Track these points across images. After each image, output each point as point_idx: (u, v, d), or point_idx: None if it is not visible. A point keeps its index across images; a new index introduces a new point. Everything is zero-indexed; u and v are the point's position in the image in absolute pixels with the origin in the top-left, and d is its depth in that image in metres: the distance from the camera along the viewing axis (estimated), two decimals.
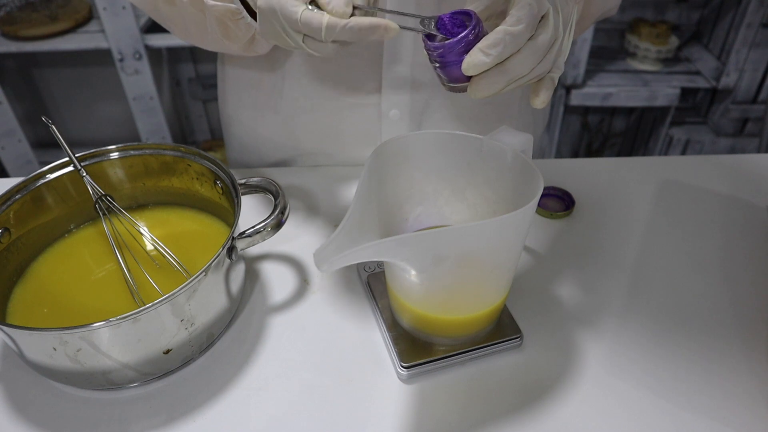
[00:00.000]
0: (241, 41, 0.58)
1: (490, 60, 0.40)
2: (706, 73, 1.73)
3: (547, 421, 0.47)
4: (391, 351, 0.51)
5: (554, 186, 0.71)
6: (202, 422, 0.47)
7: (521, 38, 0.40)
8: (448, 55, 0.42)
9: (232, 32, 0.57)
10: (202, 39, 0.62)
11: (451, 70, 0.42)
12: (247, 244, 0.51)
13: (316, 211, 0.69)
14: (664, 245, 0.64)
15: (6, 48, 1.59)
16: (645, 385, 0.50)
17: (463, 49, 0.41)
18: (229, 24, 0.56)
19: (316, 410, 0.48)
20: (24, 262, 0.56)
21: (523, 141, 0.48)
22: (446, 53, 0.42)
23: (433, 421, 0.47)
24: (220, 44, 0.60)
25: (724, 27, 1.72)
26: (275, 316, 0.56)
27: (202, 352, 0.52)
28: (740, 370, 0.51)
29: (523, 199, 0.45)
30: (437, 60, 0.43)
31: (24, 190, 0.55)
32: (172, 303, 0.45)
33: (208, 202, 0.60)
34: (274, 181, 0.55)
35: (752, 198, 0.71)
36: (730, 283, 0.59)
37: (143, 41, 1.57)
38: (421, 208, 0.53)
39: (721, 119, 1.81)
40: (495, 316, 0.52)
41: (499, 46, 0.40)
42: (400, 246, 0.39)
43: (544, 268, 0.61)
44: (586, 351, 0.53)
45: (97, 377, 0.47)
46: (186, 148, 0.59)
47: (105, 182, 0.59)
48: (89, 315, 0.52)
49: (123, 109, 1.78)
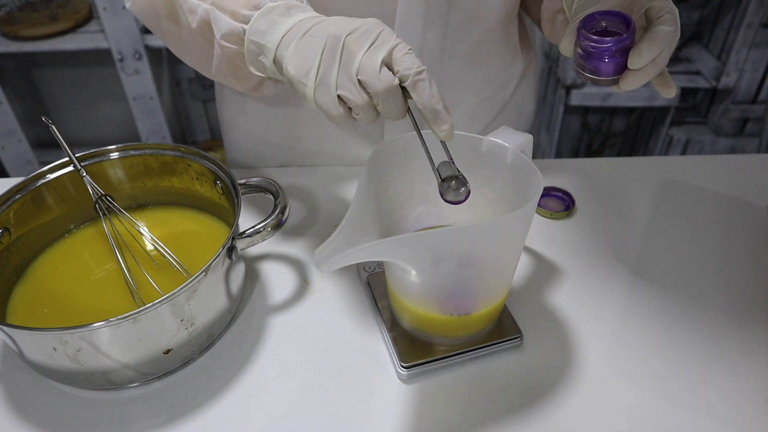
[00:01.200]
0: (249, 84, 0.55)
1: (653, 56, 0.47)
2: (706, 73, 1.73)
3: (547, 421, 0.47)
4: (391, 351, 0.51)
5: (554, 186, 0.71)
6: (202, 422, 0.47)
7: (675, 37, 0.48)
8: (605, 51, 0.47)
9: (241, 73, 0.54)
10: (202, 67, 0.59)
11: (600, 64, 0.48)
12: (247, 244, 0.51)
13: (316, 211, 0.69)
14: (664, 245, 0.64)
15: (6, 48, 1.59)
16: (645, 385, 0.50)
17: (619, 48, 0.47)
18: (240, 65, 0.52)
19: (316, 410, 0.48)
20: (24, 262, 0.56)
21: (522, 141, 0.48)
22: (605, 50, 0.47)
23: (433, 421, 0.47)
24: (224, 80, 0.57)
25: (724, 27, 1.72)
26: (275, 316, 0.56)
27: (202, 352, 0.52)
28: (740, 370, 0.51)
29: (523, 199, 0.45)
30: (592, 52, 0.48)
31: (24, 190, 0.55)
32: (172, 303, 0.45)
33: (208, 202, 0.60)
34: (274, 181, 0.55)
35: (752, 198, 0.71)
36: (730, 283, 0.59)
37: (143, 41, 1.57)
38: (421, 208, 0.53)
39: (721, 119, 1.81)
40: (495, 316, 0.52)
41: (661, 44, 0.47)
42: (400, 246, 0.39)
43: (544, 268, 0.61)
44: (586, 351, 0.53)
45: (97, 377, 0.47)
46: (186, 148, 0.59)
47: (105, 182, 0.59)
48: (89, 315, 0.52)
49: (123, 109, 1.78)
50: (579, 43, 0.49)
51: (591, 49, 0.48)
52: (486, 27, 0.65)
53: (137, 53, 1.58)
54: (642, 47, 0.47)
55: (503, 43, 0.69)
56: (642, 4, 0.50)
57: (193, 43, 0.57)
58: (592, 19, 0.49)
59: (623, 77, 0.49)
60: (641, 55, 0.47)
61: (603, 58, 0.48)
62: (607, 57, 0.48)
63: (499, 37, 0.68)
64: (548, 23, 0.60)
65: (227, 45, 0.51)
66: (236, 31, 0.50)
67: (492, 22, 0.65)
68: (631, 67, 0.48)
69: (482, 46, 0.67)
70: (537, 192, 0.42)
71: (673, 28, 0.47)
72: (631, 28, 0.47)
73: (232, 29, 0.50)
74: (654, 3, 0.49)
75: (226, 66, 0.54)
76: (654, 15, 0.49)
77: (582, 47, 0.49)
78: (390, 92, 0.42)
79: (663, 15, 0.48)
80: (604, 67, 0.49)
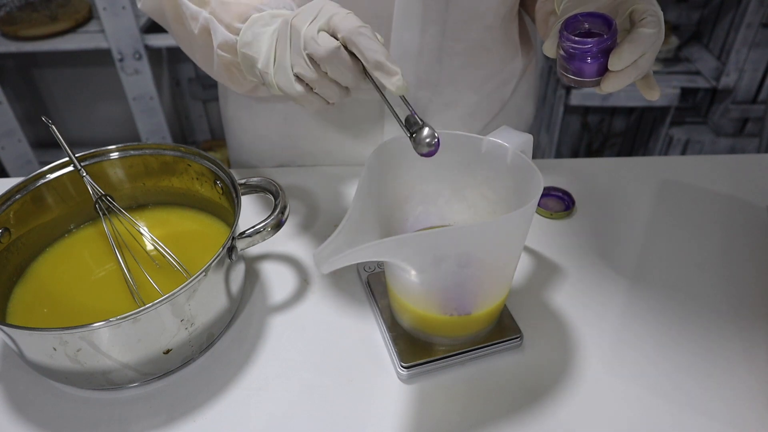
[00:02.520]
0: (245, 87, 0.60)
1: (634, 58, 0.46)
2: (706, 73, 1.72)
3: (547, 421, 0.47)
4: (391, 351, 0.51)
5: (554, 186, 0.71)
6: (202, 422, 0.47)
7: (657, 39, 0.48)
8: (586, 52, 0.47)
9: (236, 79, 0.58)
10: (206, 66, 0.62)
11: (583, 66, 0.48)
12: (247, 244, 0.51)
13: (316, 211, 0.69)
14: (664, 245, 0.64)
15: (6, 48, 1.59)
16: (645, 385, 0.50)
17: (601, 49, 0.47)
18: (233, 71, 0.56)
19: (316, 410, 0.48)
20: (24, 262, 0.56)
21: (522, 141, 0.48)
22: (586, 50, 0.47)
23: (433, 421, 0.47)
24: (224, 82, 0.61)
25: (724, 27, 1.72)
26: (275, 316, 0.56)
27: (202, 352, 0.52)
28: (740, 370, 0.51)
29: (523, 199, 0.45)
30: (574, 53, 0.48)
31: (24, 190, 0.55)
32: (172, 303, 0.45)
33: (208, 202, 0.60)
34: (274, 181, 0.55)
35: (752, 198, 0.71)
36: (730, 283, 0.59)
37: (143, 41, 1.57)
38: (421, 208, 0.53)
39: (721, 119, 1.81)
40: (495, 316, 0.52)
41: (642, 46, 0.46)
42: (400, 246, 0.39)
43: (544, 268, 0.61)
44: (586, 351, 0.53)
45: (97, 377, 0.47)
46: (186, 148, 0.59)
47: (105, 182, 0.59)
48: (89, 315, 0.52)
49: (123, 109, 1.78)
50: (561, 44, 0.49)
51: (572, 50, 0.48)
52: (484, 25, 0.65)
53: (137, 53, 1.58)
54: (623, 49, 0.47)
55: (502, 41, 0.70)
56: (626, 6, 0.50)
57: (198, 47, 0.60)
58: (574, 21, 0.49)
59: (604, 78, 0.49)
60: (621, 57, 0.47)
61: (585, 59, 0.48)
62: (589, 58, 0.48)
63: (498, 36, 0.68)
64: (542, 24, 0.60)
65: (223, 54, 0.55)
66: (230, 42, 0.53)
67: (491, 21, 0.65)
68: (612, 68, 0.48)
69: (481, 45, 0.67)
70: (537, 192, 0.42)
71: (655, 30, 0.47)
72: (613, 29, 0.47)
73: (226, 40, 0.53)
74: (638, 6, 0.49)
75: (224, 71, 0.57)
76: (637, 17, 0.49)
77: (564, 48, 0.49)
78: (332, 55, 0.44)
79: (646, 17, 0.48)
80: (586, 69, 0.49)
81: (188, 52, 0.64)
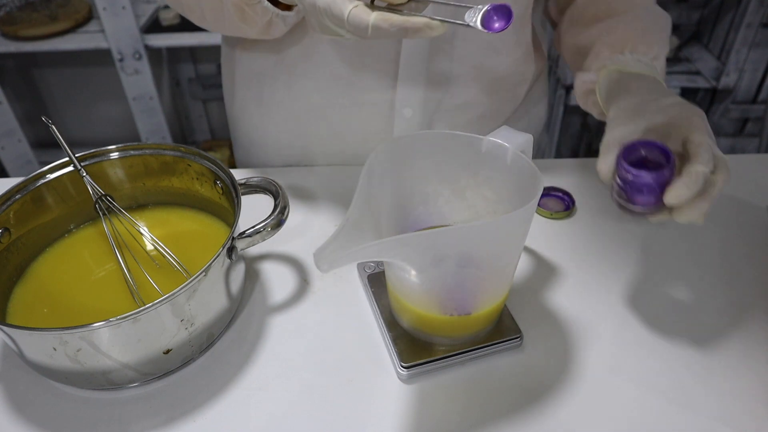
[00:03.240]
0: (257, 25, 0.59)
1: (691, 194, 0.45)
2: (706, 73, 1.73)
3: (547, 421, 0.47)
4: (391, 351, 0.51)
5: (554, 186, 0.71)
6: (202, 422, 0.47)
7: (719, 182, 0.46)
8: (644, 185, 0.47)
9: (248, 17, 0.58)
10: (218, 24, 0.62)
11: (640, 196, 0.48)
12: (247, 244, 0.51)
13: (316, 211, 0.69)
14: (664, 245, 0.64)
15: (6, 48, 1.59)
16: (645, 385, 0.50)
17: (659, 182, 0.46)
18: (246, 9, 0.56)
19: (316, 410, 0.48)
20: (24, 262, 0.56)
21: (523, 141, 0.48)
22: (645, 183, 0.47)
23: (433, 421, 0.47)
24: (237, 29, 0.61)
25: (724, 27, 1.72)
26: (275, 316, 0.56)
27: (202, 352, 0.52)
28: (740, 370, 0.51)
29: (523, 199, 0.45)
30: (630, 183, 0.47)
31: (24, 190, 0.55)
32: (172, 303, 0.45)
33: (208, 202, 0.60)
34: (274, 181, 0.55)
35: (752, 198, 0.71)
36: (730, 283, 0.59)
37: (143, 41, 1.57)
38: (421, 208, 0.53)
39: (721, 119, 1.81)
40: (495, 317, 0.52)
41: (696, 185, 0.45)
42: (400, 246, 0.39)
43: (544, 268, 0.61)
44: (586, 351, 0.53)
45: (97, 377, 0.47)
46: (186, 148, 0.59)
47: (105, 182, 0.59)
48: (89, 315, 0.52)
49: (123, 109, 1.78)
50: (618, 171, 0.49)
51: (631, 179, 0.47)
52: None
53: (137, 53, 1.58)
54: (677, 186, 0.45)
55: (514, 43, 0.69)
56: (680, 133, 0.48)
57: (207, 4, 0.59)
58: (632, 147, 0.49)
59: (674, 211, 0.47)
60: (676, 194, 0.45)
61: (641, 190, 0.48)
62: (645, 189, 0.47)
63: (510, 38, 0.68)
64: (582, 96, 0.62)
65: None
66: None
67: None
68: (667, 203, 0.46)
69: (492, 48, 0.67)
70: (537, 192, 0.42)
71: (709, 167, 0.45)
72: (671, 162, 0.46)
73: None
74: (693, 137, 0.47)
75: (235, 11, 0.57)
76: (692, 150, 0.47)
77: (621, 177, 0.49)
78: None
79: (700, 152, 0.46)
80: (641, 199, 0.48)
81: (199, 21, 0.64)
